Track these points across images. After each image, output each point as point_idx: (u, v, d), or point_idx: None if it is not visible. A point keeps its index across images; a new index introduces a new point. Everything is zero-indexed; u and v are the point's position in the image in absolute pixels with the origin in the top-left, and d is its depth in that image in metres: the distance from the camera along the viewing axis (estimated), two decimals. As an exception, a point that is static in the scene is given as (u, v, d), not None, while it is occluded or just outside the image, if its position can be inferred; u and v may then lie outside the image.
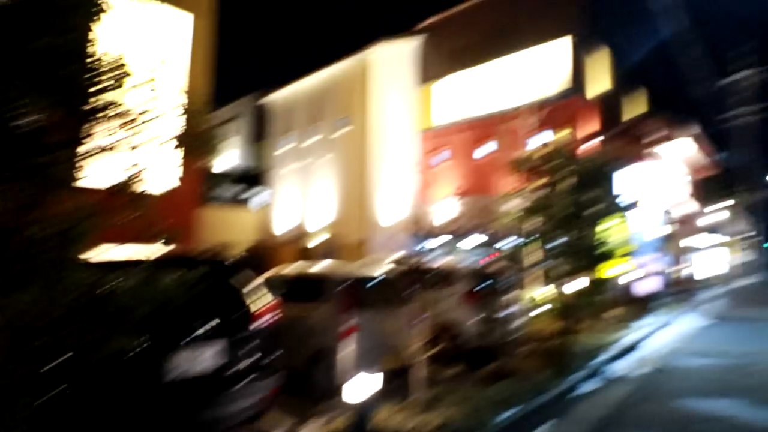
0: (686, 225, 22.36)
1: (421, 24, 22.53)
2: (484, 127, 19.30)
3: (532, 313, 9.44)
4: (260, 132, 27.11)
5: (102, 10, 4.85)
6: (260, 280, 7.09)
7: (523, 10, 19.21)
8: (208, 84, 13.12)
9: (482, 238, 17.36)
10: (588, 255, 8.49)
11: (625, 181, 12.79)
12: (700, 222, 25.20)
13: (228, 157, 28.82)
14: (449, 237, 17.31)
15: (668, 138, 17.60)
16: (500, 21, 19.83)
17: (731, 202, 29.52)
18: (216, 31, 13.34)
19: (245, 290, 5.01)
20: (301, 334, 6.05)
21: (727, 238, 29.95)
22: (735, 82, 26.45)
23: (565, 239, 8.41)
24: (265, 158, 25.96)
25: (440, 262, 8.59)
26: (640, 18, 22.28)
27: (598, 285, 8.77)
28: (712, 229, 27.92)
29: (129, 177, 5.32)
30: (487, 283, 8.16)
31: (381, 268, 7.56)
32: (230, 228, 22.56)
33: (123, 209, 5.48)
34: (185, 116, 5.68)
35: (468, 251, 18.88)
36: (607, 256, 8.81)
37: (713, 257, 29.30)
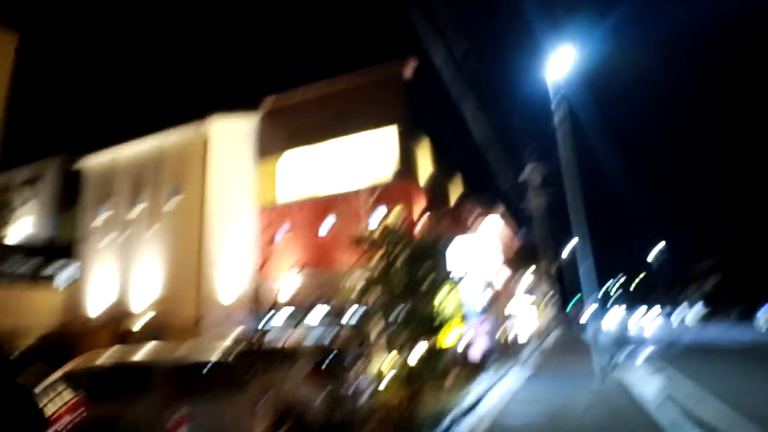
0: (504, 290, 25.42)
1: (261, 101, 22.88)
2: (323, 205, 19.83)
3: (380, 384, 9.39)
4: (69, 198, 23.53)
5: None
6: (59, 374, 5.78)
7: (355, 99, 21.01)
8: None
9: (326, 311, 17.15)
10: (426, 323, 8.98)
11: (451, 255, 14.09)
12: (514, 287, 28.95)
13: (25, 226, 24.16)
14: (292, 311, 16.72)
15: (482, 216, 20.25)
16: (335, 106, 21.29)
17: (534, 269, 34.77)
18: (9, 82, 11.57)
19: (38, 389, 3.98)
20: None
21: (534, 299, 34.81)
22: (529, 171, 32.17)
23: (404, 309, 8.80)
24: (75, 228, 22.40)
25: (283, 339, 8.15)
26: (456, 113, 26.15)
27: (437, 351, 9.22)
28: (524, 292, 32.29)
29: None
30: (332, 357, 7.92)
31: (217, 349, 6.81)
32: (24, 311, 18.37)
33: None
34: None
35: (312, 326, 18.40)
36: (442, 323, 9.43)
37: (527, 316, 33.65)
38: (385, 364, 9.59)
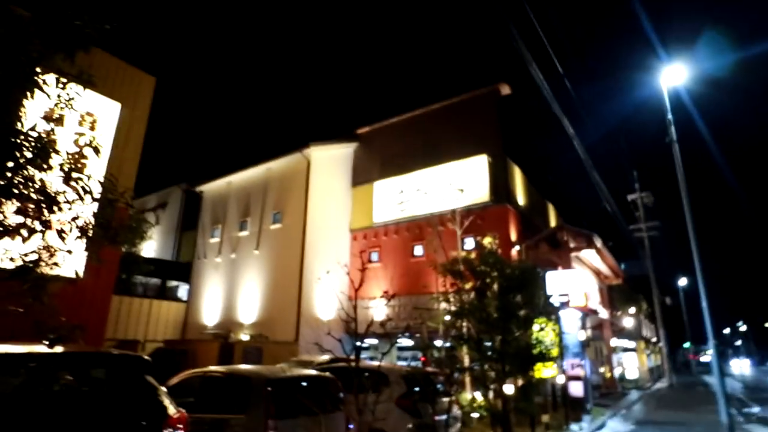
0: (602, 330, 23.57)
1: (356, 131, 23.96)
2: (417, 227, 20.05)
3: (471, 414, 9.07)
4: (188, 221, 26.23)
5: (38, 86, 4.67)
6: (176, 379, 6.34)
7: (448, 125, 21.22)
8: (133, 172, 12.71)
9: (416, 339, 17.09)
10: (520, 357, 8.55)
11: (549, 285, 13.43)
12: (618, 324, 26.72)
13: (152, 245, 27.26)
14: (383, 337, 16.89)
15: (579, 248, 19.08)
16: (428, 133, 21.64)
17: (635, 309, 31.84)
18: (147, 121, 13.19)
19: (162, 389, 4.39)
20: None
21: (641, 338, 31.78)
22: (633, 201, 29.85)
23: (496, 342, 8.47)
24: (192, 248, 24.86)
25: (373, 363, 8.24)
26: (551, 140, 25.26)
27: (533, 384, 8.72)
28: (624, 334, 29.63)
29: (33, 260, 4.76)
30: (421, 386, 7.82)
31: (310, 368, 7.07)
32: (153, 318, 20.90)
33: (21, 295, 4.83)
34: (103, 203, 5.36)
35: (402, 352, 18.39)
36: (538, 358, 8.93)
37: (627, 361, 30.77)
38: (478, 394, 9.27)
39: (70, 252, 4.98)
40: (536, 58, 10.35)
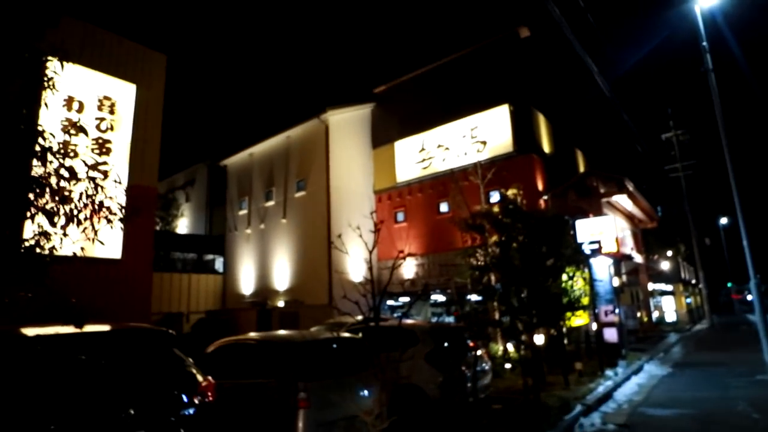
0: (637, 275, 23.17)
1: (372, 91, 23.52)
2: (441, 183, 19.85)
3: (502, 369, 9.16)
4: (217, 195, 26.75)
5: (47, 77, 4.68)
6: (212, 348, 6.58)
7: (466, 77, 20.51)
8: (156, 151, 12.85)
9: (445, 294, 17.24)
10: (548, 308, 8.49)
11: (579, 233, 13.17)
12: (650, 272, 26.22)
13: (185, 222, 28.08)
14: (412, 295, 17.09)
15: (610, 194, 18.53)
16: (447, 87, 21.02)
17: (672, 252, 31.07)
18: (163, 99, 13.19)
19: (191, 360, 4.55)
20: (243, 413, 5.47)
21: (673, 287, 31.21)
22: (665, 142, 28.61)
23: (526, 292, 8.41)
24: (223, 221, 25.49)
25: (403, 321, 8.34)
26: (574, 84, 24.17)
27: (564, 336, 8.69)
28: (661, 278, 29.09)
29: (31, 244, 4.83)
30: (449, 341, 7.89)
31: (340, 330, 7.20)
32: (192, 292, 21.77)
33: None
34: (129, 185, 5.43)
35: (431, 309, 18.62)
36: (567, 307, 8.85)
37: (666, 305, 30.36)
38: (509, 346, 9.32)
39: (65, 234, 4.96)
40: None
